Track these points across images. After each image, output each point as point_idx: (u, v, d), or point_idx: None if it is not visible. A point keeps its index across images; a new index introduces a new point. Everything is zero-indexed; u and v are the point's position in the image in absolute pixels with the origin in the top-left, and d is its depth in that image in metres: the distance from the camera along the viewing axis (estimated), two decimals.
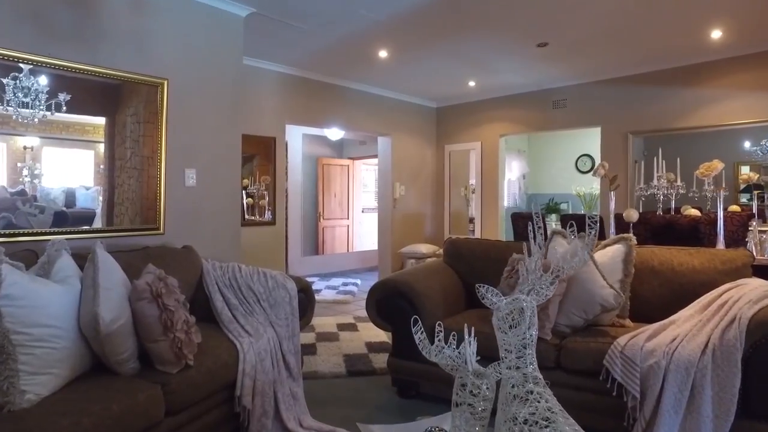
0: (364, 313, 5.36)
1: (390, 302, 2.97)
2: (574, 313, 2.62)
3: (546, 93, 6.31)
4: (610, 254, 2.82)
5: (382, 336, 4.24)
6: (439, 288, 3.10)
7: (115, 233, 3.08)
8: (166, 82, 3.31)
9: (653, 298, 2.79)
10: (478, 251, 3.43)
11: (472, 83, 6.27)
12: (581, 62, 5.37)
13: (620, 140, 5.67)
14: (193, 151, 3.51)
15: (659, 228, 3.73)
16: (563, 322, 2.64)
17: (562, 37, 4.55)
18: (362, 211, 10.00)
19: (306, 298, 3.00)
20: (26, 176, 2.76)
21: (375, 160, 9.93)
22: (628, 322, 2.70)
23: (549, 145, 9.51)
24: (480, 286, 1.79)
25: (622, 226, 4.21)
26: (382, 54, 5.06)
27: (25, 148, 2.76)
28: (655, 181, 4.17)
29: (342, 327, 4.59)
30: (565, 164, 9.37)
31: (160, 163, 3.31)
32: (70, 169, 2.93)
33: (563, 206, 9.24)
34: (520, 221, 5.14)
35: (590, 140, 8.90)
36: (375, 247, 9.65)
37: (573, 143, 9.19)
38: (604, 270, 2.69)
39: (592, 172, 4.59)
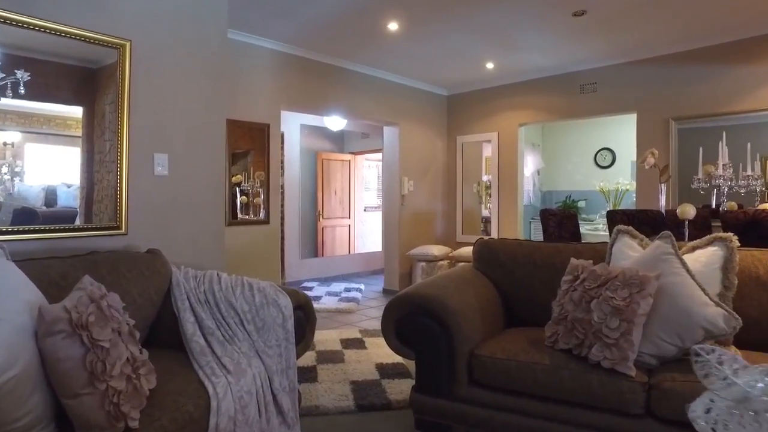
0: (370, 324, 4.72)
1: (414, 323, 2.30)
2: (664, 339, 1.95)
3: (572, 76, 5.65)
4: (704, 260, 2.16)
5: (395, 356, 3.57)
6: (476, 303, 2.43)
7: (57, 234, 2.41)
8: (128, 45, 2.63)
9: (763, 318, 2.13)
10: (519, 255, 2.76)
11: (490, 65, 5.61)
12: (618, 38, 4.70)
13: (660, 127, 5.01)
14: (164, 132, 2.83)
15: (739, 226, 3.06)
16: (648, 351, 1.97)
17: (603, 4, 3.89)
18: (364, 210, 9.34)
19: (304, 317, 2.33)
20: (5, 174, 2.39)
21: (378, 155, 9.27)
22: (733, 350, 2.03)
23: (565, 138, 8.84)
24: (702, 348, 1.13)
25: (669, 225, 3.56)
26: (392, 27, 4.39)
27: (5, 144, 2.39)
28: (720, 171, 3.51)
29: (347, 343, 3.91)
30: (582, 159, 8.71)
31: (121, 146, 2.63)
32: (53, 166, 2.51)
33: (581, 204, 8.59)
34: (551, 219, 4.48)
35: (611, 132, 8.26)
36: (378, 248, 9.01)
37: (592, 136, 8.54)
38: (699, 280, 2.03)
39: (638, 161, 3.93)
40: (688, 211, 3.65)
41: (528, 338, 2.29)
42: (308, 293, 6.12)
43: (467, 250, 5.88)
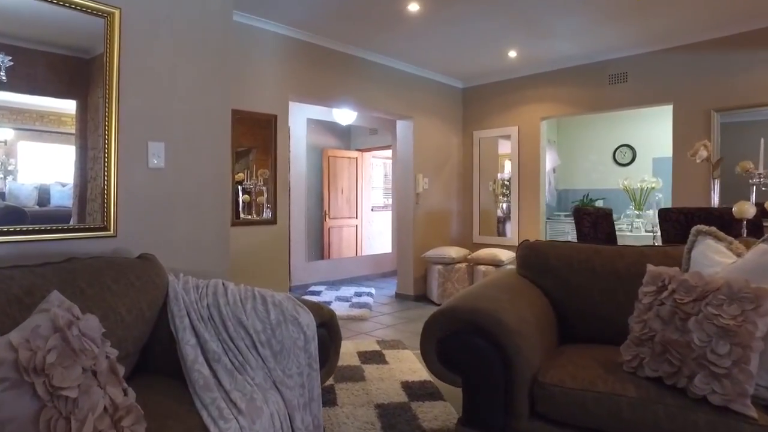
0: (387, 333, 4.32)
1: (461, 343, 1.90)
2: None
3: (601, 66, 5.26)
4: None
5: (422, 371, 3.18)
6: (532, 318, 2.03)
7: (36, 235, 2.02)
8: (116, 13, 2.24)
9: None
10: (574, 260, 2.36)
11: (512, 53, 5.21)
12: (656, 23, 4.31)
13: (700, 119, 4.62)
14: (161, 117, 2.44)
15: None
16: (766, 384, 1.58)
17: None
18: (371, 210, 8.95)
19: (329, 336, 1.94)
20: None
21: (385, 153, 8.90)
22: None
23: (582, 134, 8.46)
24: None
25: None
26: (413, 8, 4.00)
27: None
28: (761, 168, 3.13)
29: (365, 357, 3.52)
30: (600, 156, 8.33)
31: (109, 132, 2.24)
32: (47, 164, 2.23)
33: (599, 203, 8.20)
34: (586, 219, 4.09)
35: (631, 128, 7.88)
36: (387, 249, 8.62)
37: (610, 132, 8.15)
38: None
39: (689, 154, 3.53)
40: (747, 209, 3.27)
41: (597, 361, 1.90)
42: (317, 298, 5.72)
43: (487, 253, 5.49)
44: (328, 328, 1.92)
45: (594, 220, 4.07)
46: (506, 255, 5.46)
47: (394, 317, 4.97)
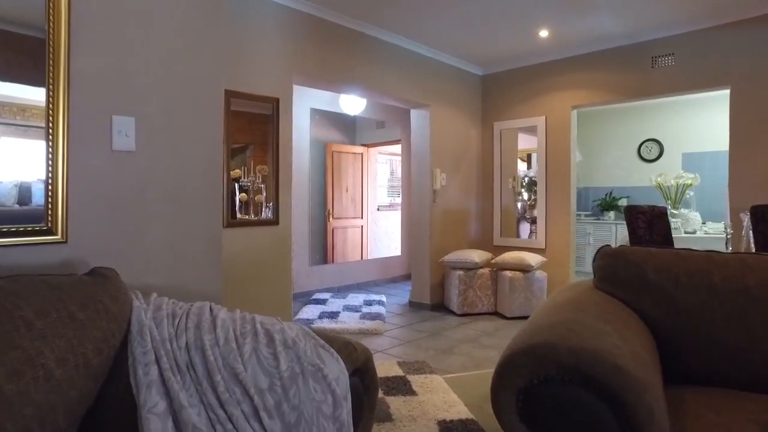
0: (406, 352, 3.67)
1: (557, 397, 1.30)
2: None
3: (642, 47, 4.67)
4: None
5: (459, 406, 2.58)
6: (649, 358, 1.45)
7: None
8: None
9: None
10: (682, 274, 1.76)
11: (543, 33, 4.63)
12: None
13: (765, 105, 4.04)
14: (129, 83, 1.84)
15: None
16: None
17: None
18: (377, 209, 8.37)
19: (362, 387, 1.34)
20: None
21: (392, 148, 8.30)
22: None
23: (604, 128, 7.90)
24: None
25: None
26: None
27: None
28: None
29: (388, 386, 2.92)
30: (624, 152, 7.77)
31: (55, 101, 1.64)
32: (29, 161, 1.77)
33: (622, 202, 7.63)
34: (640, 219, 3.50)
35: (658, 121, 7.32)
36: (395, 252, 8.04)
37: (635, 126, 7.60)
38: None
39: None
40: None
41: (750, 418, 1.31)
42: (322, 308, 5.13)
43: (514, 257, 4.90)
44: (363, 376, 1.33)
45: (649, 220, 3.49)
46: (534, 259, 4.88)
47: (413, 331, 4.38)
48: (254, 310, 3.54)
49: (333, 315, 4.81)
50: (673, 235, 4.89)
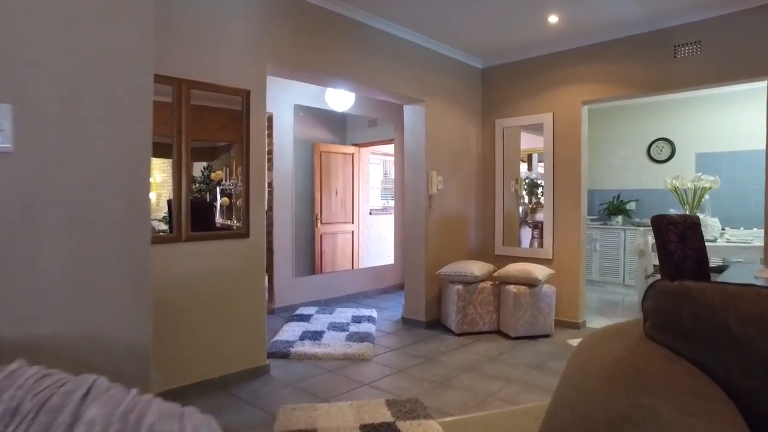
0: (398, 385, 3.00)
1: None
2: None
3: (663, 35, 4.17)
4: None
5: None
6: None
7: None
8: None
9: None
10: None
11: (553, 18, 4.12)
12: None
13: None
14: (3, 57, 1.32)
15: None
16: None
17: None
18: (369, 214, 7.84)
19: None
20: None
21: (385, 148, 7.77)
22: None
23: (611, 127, 7.42)
24: None
25: None
26: None
27: None
28: None
29: None
30: (632, 152, 7.30)
31: None
32: None
33: (630, 206, 7.15)
34: (671, 231, 2.99)
35: (670, 119, 6.84)
36: (387, 260, 7.52)
37: (644, 124, 7.12)
38: None
39: None
40: None
41: None
42: (305, 326, 4.59)
43: (519, 269, 4.39)
44: None
45: (681, 232, 2.98)
46: (542, 272, 4.37)
47: (405, 355, 3.86)
48: (221, 336, 2.97)
49: (316, 336, 4.28)
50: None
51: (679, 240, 2.97)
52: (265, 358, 3.41)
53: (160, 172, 3.21)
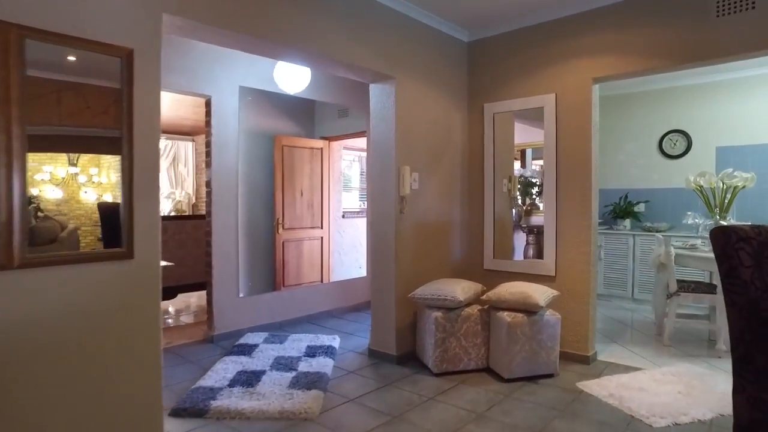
0: None
1: None
2: None
3: None
4: None
5: None
6: None
7: None
8: None
9: None
10: None
11: None
12: None
13: None
14: None
15: None
16: None
17: None
18: (343, 217, 6.88)
19: None
20: None
21: (360, 141, 6.80)
22: None
23: (617, 118, 6.49)
24: None
25: None
26: None
27: None
28: None
29: None
30: (641, 146, 6.38)
31: None
32: None
33: (639, 208, 6.22)
34: (743, 250, 2.04)
35: (685, 108, 5.91)
36: (360, 271, 6.56)
37: (655, 114, 6.20)
38: None
39: None
40: None
41: None
42: (244, 362, 3.60)
43: (513, 291, 3.43)
44: None
45: (758, 252, 2.03)
46: (543, 294, 3.42)
47: (364, 411, 2.89)
48: (86, 410, 1.93)
49: (253, 378, 3.29)
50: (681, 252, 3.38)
51: (756, 264, 2.02)
52: (161, 427, 2.43)
53: None
